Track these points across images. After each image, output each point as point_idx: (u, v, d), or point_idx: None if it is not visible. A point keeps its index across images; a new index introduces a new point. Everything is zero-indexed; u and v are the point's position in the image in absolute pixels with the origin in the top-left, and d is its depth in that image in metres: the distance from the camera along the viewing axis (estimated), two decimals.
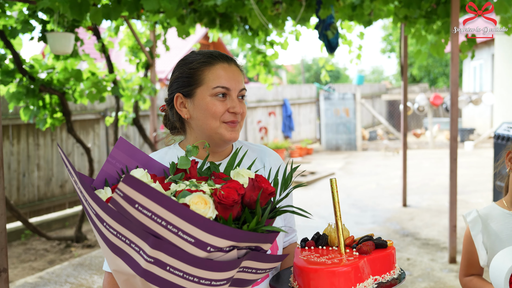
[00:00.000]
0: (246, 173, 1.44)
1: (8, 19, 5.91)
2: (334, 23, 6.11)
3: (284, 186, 1.48)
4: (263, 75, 8.52)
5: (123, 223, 1.19)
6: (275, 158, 1.90)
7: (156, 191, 1.12)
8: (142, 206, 1.14)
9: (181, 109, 1.71)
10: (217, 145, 1.72)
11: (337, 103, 16.20)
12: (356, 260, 1.41)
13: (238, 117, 1.69)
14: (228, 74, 1.67)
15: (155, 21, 7.18)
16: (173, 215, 1.13)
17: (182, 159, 1.48)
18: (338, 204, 1.55)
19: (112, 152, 1.49)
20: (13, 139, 7.34)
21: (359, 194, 9.41)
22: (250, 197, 1.32)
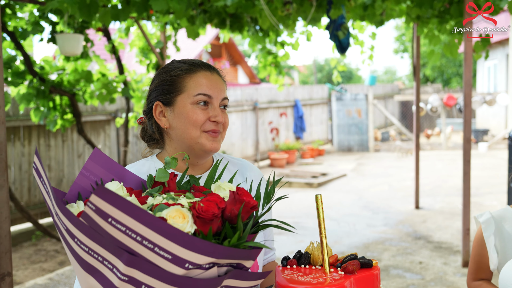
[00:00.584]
0: (227, 186, 1.38)
1: (19, 21, 5.93)
2: (345, 23, 6.04)
3: (266, 200, 1.43)
4: (274, 76, 8.47)
5: (96, 239, 1.12)
6: (256, 172, 1.84)
7: (131, 203, 1.05)
8: (115, 220, 1.06)
9: (160, 118, 1.64)
10: (197, 157, 1.66)
11: (349, 104, 16.11)
12: (342, 280, 1.35)
13: (220, 127, 1.63)
14: (210, 82, 1.62)
15: (165, 22, 7.16)
16: (149, 230, 1.06)
17: (160, 172, 1.41)
18: (323, 221, 1.47)
19: (86, 164, 1.41)
20: (24, 140, 7.36)
21: (371, 196, 9.33)
22: (231, 211, 1.25)
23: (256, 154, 13.47)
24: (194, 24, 6.23)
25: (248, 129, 13.28)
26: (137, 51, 7.64)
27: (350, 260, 1.43)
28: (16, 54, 5.89)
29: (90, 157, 1.41)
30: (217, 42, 23.15)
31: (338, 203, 8.74)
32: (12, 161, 7.17)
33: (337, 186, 10.36)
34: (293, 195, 9.53)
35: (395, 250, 6.05)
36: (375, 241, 6.45)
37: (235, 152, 12.59)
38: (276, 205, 8.55)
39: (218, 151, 1.71)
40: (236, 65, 25.78)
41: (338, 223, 7.42)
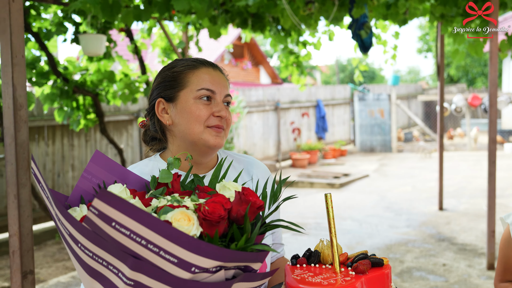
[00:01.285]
0: (232, 186, 1.36)
1: (43, 22, 6.00)
2: (367, 22, 5.98)
3: (273, 199, 1.40)
4: (295, 76, 8.44)
5: (99, 243, 1.09)
6: (262, 170, 1.80)
7: (135, 207, 1.02)
8: (119, 224, 1.03)
9: (163, 115, 1.62)
10: (201, 154, 1.63)
11: (372, 104, 15.98)
12: (353, 280, 1.32)
13: (224, 122, 1.61)
14: (213, 78, 1.61)
15: (187, 22, 7.18)
16: (154, 233, 1.04)
17: (163, 173, 1.38)
18: (333, 220, 1.44)
19: (88, 167, 1.39)
20: (49, 140, 7.45)
21: (394, 196, 9.23)
22: (237, 212, 1.22)
23: (278, 154, 13.44)
24: (216, 24, 6.23)
25: (270, 129, 13.27)
26: (159, 51, 7.68)
27: (360, 260, 1.41)
28: (40, 55, 5.97)
29: (91, 160, 1.39)
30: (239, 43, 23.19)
31: (360, 204, 8.67)
32: (37, 161, 7.26)
33: (360, 187, 10.28)
34: (314, 196, 9.49)
35: (418, 251, 5.97)
36: (398, 242, 6.38)
37: (256, 152, 12.59)
38: (298, 206, 8.53)
39: (223, 149, 1.69)
40: (258, 66, 25.78)
41: (360, 224, 7.36)
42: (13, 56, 2.23)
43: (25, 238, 2.28)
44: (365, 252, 1.47)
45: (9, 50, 2.22)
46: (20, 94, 2.25)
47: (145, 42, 7.85)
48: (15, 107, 2.23)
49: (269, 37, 7.79)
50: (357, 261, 1.39)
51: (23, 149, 2.26)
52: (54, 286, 5.26)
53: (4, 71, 2.23)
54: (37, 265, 5.99)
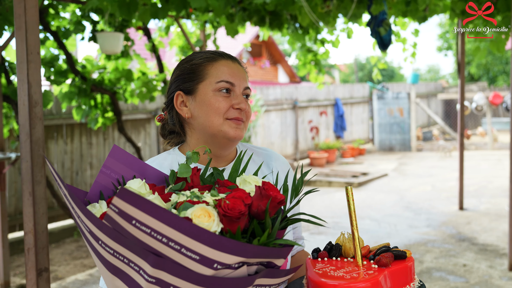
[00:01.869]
0: (252, 180, 1.33)
1: (61, 21, 6.03)
2: (386, 19, 5.90)
3: (294, 193, 1.38)
4: (313, 74, 8.37)
5: (120, 241, 1.08)
6: (282, 162, 1.77)
7: (154, 205, 1.00)
8: (139, 222, 1.02)
9: (182, 108, 1.60)
10: (221, 146, 1.61)
11: (391, 103, 15.84)
12: (376, 273, 1.29)
13: (243, 115, 1.59)
14: (232, 70, 1.59)
15: (204, 21, 7.16)
16: (174, 231, 1.02)
17: (182, 167, 1.36)
18: (354, 213, 1.41)
19: (106, 162, 1.37)
20: (67, 138, 7.49)
21: (413, 196, 9.12)
22: (257, 207, 1.19)
23: (296, 153, 13.39)
24: (233, 22, 6.21)
25: (288, 128, 13.21)
26: (177, 49, 7.68)
27: (383, 252, 1.38)
28: (59, 53, 6.00)
29: (110, 154, 1.37)
30: (257, 41, 23.16)
31: (379, 203, 8.58)
32: (55, 159, 7.31)
33: (378, 186, 10.18)
34: (333, 195, 9.42)
35: (438, 252, 5.88)
36: (417, 242, 6.29)
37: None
38: (316, 205, 8.47)
39: (242, 142, 1.67)
40: (276, 64, 25.72)
41: (379, 223, 7.28)
42: (28, 52, 2.22)
43: (40, 236, 2.27)
44: (387, 244, 1.44)
45: (25, 47, 2.21)
46: (35, 91, 2.24)
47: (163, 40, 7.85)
48: (30, 104, 2.23)
49: (287, 35, 7.74)
50: (380, 254, 1.37)
51: (38, 146, 2.26)
52: (72, 284, 5.28)
53: (19, 68, 2.23)
54: (55, 262, 6.03)
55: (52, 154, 7.27)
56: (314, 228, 7.08)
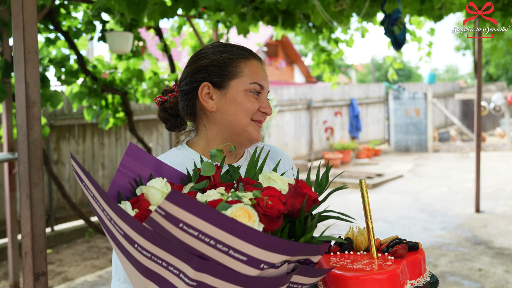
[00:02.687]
0: (278, 178, 1.29)
1: (73, 20, 6.01)
2: (401, 17, 5.79)
3: (318, 190, 1.35)
4: (327, 74, 8.27)
5: (161, 244, 1.04)
6: (287, 159, 1.78)
7: (205, 206, 0.96)
8: (187, 225, 0.98)
9: (207, 100, 1.55)
10: (239, 145, 1.59)
11: (407, 103, 15.66)
12: (394, 265, 1.31)
13: (264, 117, 1.60)
14: (262, 72, 1.59)
15: (217, 20, 7.11)
16: (223, 232, 0.99)
17: (206, 165, 1.32)
18: (369, 205, 1.41)
19: (123, 161, 1.34)
20: (79, 138, 7.48)
21: (429, 198, 8.97)
22: (292, 205, 1.18)
23: (310, 153, 13.28)
24: (245, 21, 6.14)
25: (302, 128, 13.11)
26: (189, 49, 7.63)
27: (396, 244, 1.39)
28: (70, 53, 5.98)
29: (126, 152, 1.35)
30: (273, 41, 23.09)
31: (393, 205, 8.45)
32: (67, 159, 7.30)
33: (393, 188, 10.04)
34: (346, 196, 9.31)
35: (452, 255, 5.76)
36: (432, 245, 6.16)
37: (288, 152, 12.45)
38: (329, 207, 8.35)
39: None
40: (292, 64, 25.62)
41: (393, 225, 7.15)
42: (26, 52, 2.17)
43: (38, 239, 2.22)
44: (396, 237, 1.46)
45: (22, 46, 2.16)
46: (33, 91, 2.19)
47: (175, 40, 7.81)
48: (28, 104, 2.18)
49: (300, 35, 7.66)
50: (393, 246, 1.38)
51: (35, 147, 2.20)
52: (81, 285, 5.25)
53: (16, 67, 2.18)
54: (66, 263, 6.01)
55: (63, 154, 7.27)
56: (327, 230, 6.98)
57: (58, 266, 5.92)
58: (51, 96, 5.49)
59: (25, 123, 2.18)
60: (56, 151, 7.16)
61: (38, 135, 2.21)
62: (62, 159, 7.23)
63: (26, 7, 2.15)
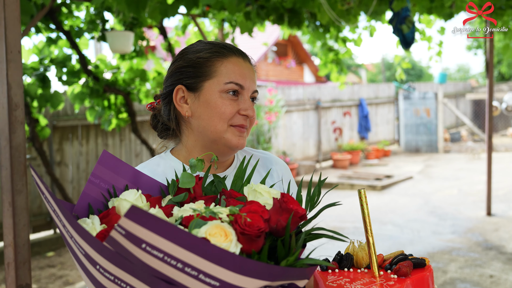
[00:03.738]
0: (264, 190, 1.15)
1: (75, 20, 5.91)
2: (410, 16, 5.63)
3: (309, 204, 1.20)
4: (335, 74, 8.12)
5: (125, 267, 0.92)
6: (282, 166, 1.61)
7: (171, 225, 0.84)
8: (151, 246, 0.86)
9: (182, 105, 1.42)
10: (219, 153, 1.44)
11: (418, 103, 15.46)
12: (397, 285, 1.17)
13: (248, 121, 1.43)
14: (242, 70, 1.42)
15: (222, 19, 6.98)
16: (192, 255, 0.86)
17: (185, 176, 1.19)
18: (369, 217, 1.27)
19: (95, 170, 1.20)
20: (82, 139, 7.39)
21: (439, 200, 8.79)
22: (276, 222, 1.03)
23: (318, 154, 13.12)
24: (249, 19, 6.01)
25: (310, 129, 12.95)
26: None
27: (400, 261, 1.25)
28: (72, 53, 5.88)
29: (99, 161, 1.21)
30: (283, 41, 22.94)
31: (402, 208, 8.28)
32: (70, 160, 7.21)
33: (402, 189, 9.86)
34: (355, 198, 9.14)
35: (463, 261, 5.59)
36: (441, 250, 6.00)
37: (296, 152, 12.30)
38: (336, 209, 8.20)
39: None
40: (302, 64, 25.47)
41: (401, 229, 6.99)
42: (8, 51, 2.05)
43: (21, 249, 2.10)
44: (401, 252, 1.31)
45: (4, 45, 2.04)
46: (16, 92, 2.07)
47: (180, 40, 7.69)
48: (10, 107, 2.06)
49: (308, 34, 7.52)
50: (397, 263, 1.24)
51: (19, 152, 2.09)
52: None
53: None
54: (67, 267, 5.91)
55: (67, 155, 7.17)
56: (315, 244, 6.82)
57: (60, 269, 5.82)
58: (51, 97, 5.40)
59: (7, 127, 2.06)
60: (59, 152, 7.07)
61: (22, 139, 2.09)
62: (65, 160, 7.13)
63: (8, 4, 2.03)
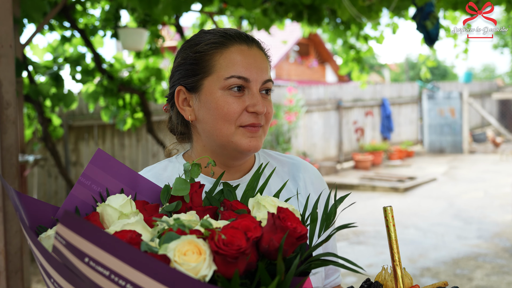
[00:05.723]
0: (269, 203, 0.98)
1: (90, 18, 5.81)
2: (434, 12, 5.40)
3: (325, 224, 1.00)
4: (356, 72, 7.90)
5: (75, 282, 0.78)
6: (312, 174, 1.38)
7: (113, 238, 0.71)
8: (95, 261, 0.73)
9: (184, 108, 1.25)
10: (232, 158, 1.25)
11: (442, 103, 15.12)
12: None
13: (261, 118, 1.21)
14: (247, 60, 1.20)
15: (239, 16, 6.82)
16: (142, 275, 0.72)
17: (178, 182, 1.03)
18: (396, 242, 1.09)
19: (86, 170, 1.05)
20: (99, 139, 7.30)
21: (464, 203, 8.50)
22: (269, 242, 0.86)
23: (339, 155, 12.89)
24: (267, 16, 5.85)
25: (331, 129, 12.72)
26: None
27: None
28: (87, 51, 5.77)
29: (91, 161, 1.05)
30: (305, 40, 22.72)
31: (425, 211, 8.03)
32: (86, 160, 7.12)
33: (426, 192, 9.59)
34: (376, 200, 8.91)
35: (489, 267, 5.33)
36: (466, 256, 5.75)
37: (316, 153, 12.08)
38: (358, 212, 7.99)
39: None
40: (324, 63, 25.20)
41: (425, 233, 6.74)
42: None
43: (13, 258, 1.96)
44: (444, 284, 1.11)
45: None
46: (7, 90, 1.93)
47: None
48: (1, 105, 1.92)
49: (328, 32, 7.32)
50: None
51: (10, 154, 1.95)
52: None
53: None
54: None
55: (82, 156, 7.08)
56: (354, 237, 6.62)
57: None
58: (64, 96, 5.29)
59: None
60: (74, 152, 6.99)
61: (13, 140, 1.95)
62: (81, 160, 7.04)
63: None
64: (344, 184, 10.22)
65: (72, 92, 5.33)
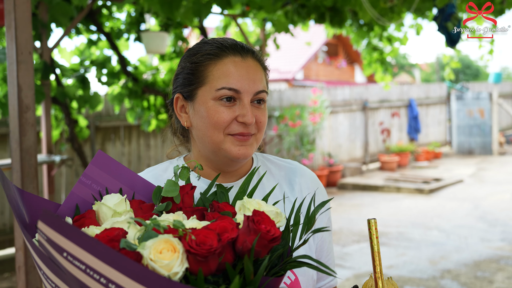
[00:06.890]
0: (253, 205, 1.04)
1: (115, 21, 5.96)
2: (455, 13, 5.38)
3: (306, 227, 1.06)
4: (380, 74, 7.89)
5: (59, 275, 0.86)
6: (309, 178, 1.43)
7: (86, 236, 0.77)
8: (71, 255, 0.80)
9: (181, 115, 1.33)
10: (225, 164, 1.32)
11: (471, 103, 14.92)
12: None
13: (252, 128, 1.27)
14: (239, 72, 1.26)
15: (263, 19, 6.89)
16: (113, 270, 0.78)
17: (169, 184, 1.10)
18: (379, 254, 1.10)
19: (87, 170, 1.12)
20: (125, 140, 7.46)
21: (490, 205, 8.41)
22: (243, 243, 0.91)
23: (365, 156, 12.84)
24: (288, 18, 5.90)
25: (357, 130, 12.69)
26: None
27: None
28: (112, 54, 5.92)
29: (92, 162, 1.13)
30: (334, 41, 22.67)
31: (450, 213, 7.97)
32: None
33: (451, 193, 9.50)
34: (400, 202, 8.87)
35: (511, 270, 5.29)
36: (489, 258, 5.70)
37: (342, 154, 12.07)
38: (381, 213, 7.98)
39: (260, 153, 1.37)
40: (353, 64, 25.09)
41: (448, 235, 6.71)
42: (19, 53, 2.02)
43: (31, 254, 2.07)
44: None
45: (14, 46, 2.01)
46: (27, 94, 2.05)
47: None
48: (21, 109, 2.03)
49: (351, 33, 7.34)
50: None
51: (29, 155, 2.06)
52: None
53: (9, 69, 2.04)
54: None
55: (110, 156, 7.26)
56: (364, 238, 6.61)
57: None
58: (90, 98, 5.45)
59: (17, 129, 2.04)
60: None
61: (32, 142, 2.06)
62: None
63: (19, 5, 2.01)
64: (369, 185, 10.20)
65: (98, 94, 5.49)
